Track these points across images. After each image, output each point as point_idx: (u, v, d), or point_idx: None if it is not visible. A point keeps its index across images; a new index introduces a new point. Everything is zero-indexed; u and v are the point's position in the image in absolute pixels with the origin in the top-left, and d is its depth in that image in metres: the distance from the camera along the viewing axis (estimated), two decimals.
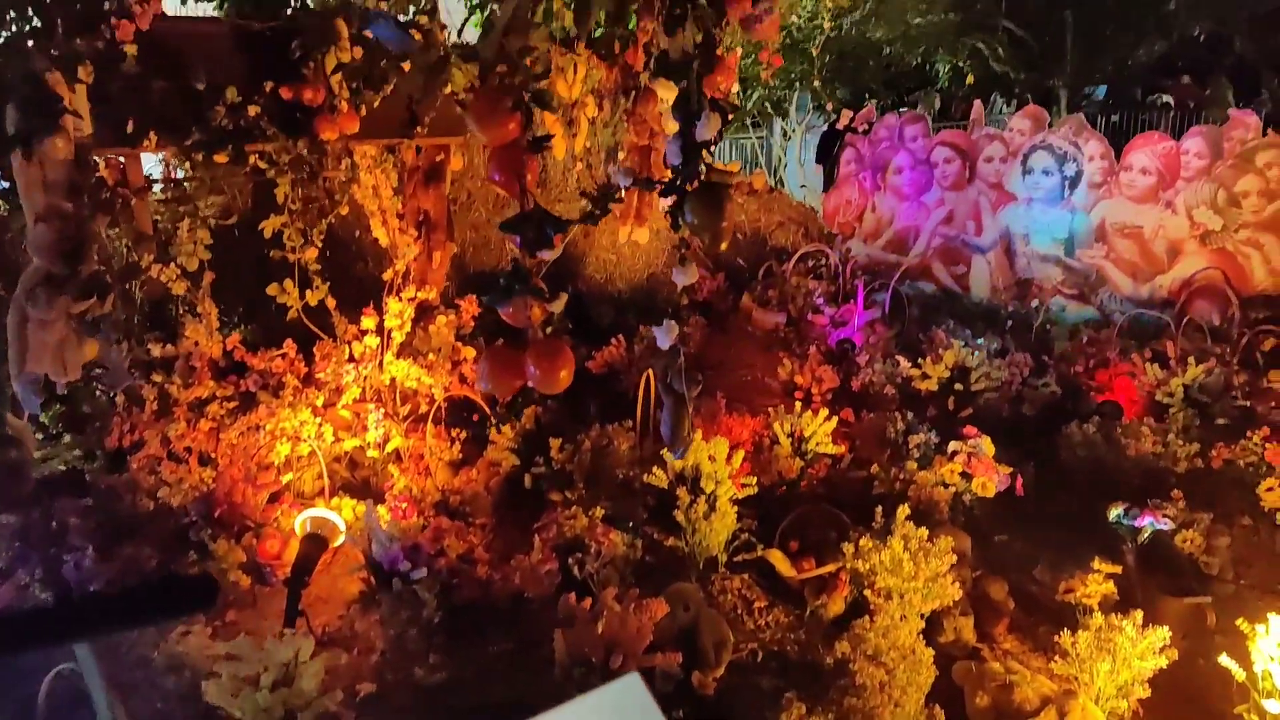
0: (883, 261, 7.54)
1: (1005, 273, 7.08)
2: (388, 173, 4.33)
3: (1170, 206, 6.37)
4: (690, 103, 1.73)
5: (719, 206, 1.79)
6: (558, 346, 1.96)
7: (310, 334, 4.13)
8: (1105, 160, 6.67)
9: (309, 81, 3.71)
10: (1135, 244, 6.54)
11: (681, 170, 1.80)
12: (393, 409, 4.15)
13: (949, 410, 5.15)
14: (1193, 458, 4.31)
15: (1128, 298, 6.54)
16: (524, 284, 1.94)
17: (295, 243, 3.90)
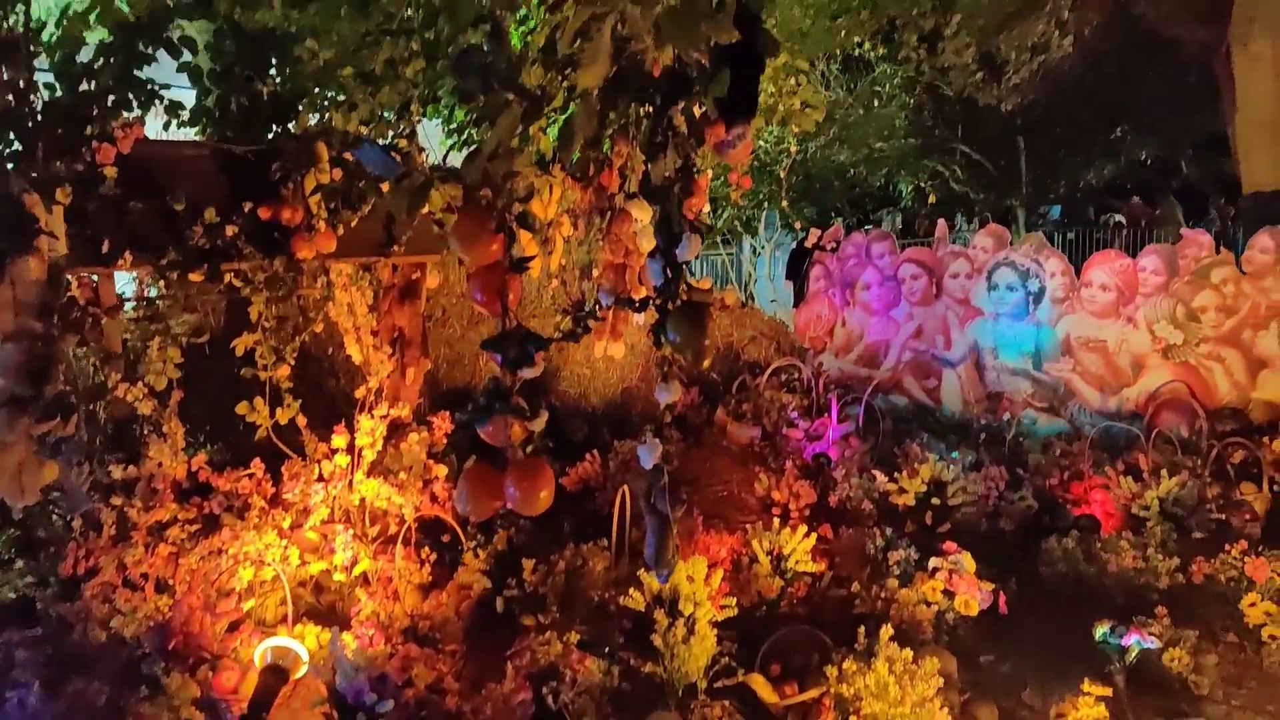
0: (855, 375, 7.62)
1: (976, 386, 7.17)
2: (363, 290, 4.35)
3: (1131, 321, 6.54)
4: (671, 225, 1.75)
5: (701, 325, 1.79)
6: (538, 466, 1.92)
7: (279, 453, 4.04)
8: (1066, 276, 6.87)
9: (288, 201, 3.75)
10: (1100, 358, 6.67)
11: (663, 290, 1.81)
12: (362, 530, 4.04)
13: (927, 525, 5.11)
14: (1173, 572, 4.28)
15: (1097, 410, 6.62)
16: (504, 402, 1.91)
17: (268, 360, 3.86)
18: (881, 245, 7.78)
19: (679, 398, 1.92)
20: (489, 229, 1.81)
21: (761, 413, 6.81)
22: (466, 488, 1.97)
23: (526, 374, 1.93)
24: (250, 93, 4.23)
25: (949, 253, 7.45)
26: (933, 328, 7.40)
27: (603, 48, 1.53)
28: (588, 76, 1.55)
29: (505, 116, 1.58)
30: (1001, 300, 7.06)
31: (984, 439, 6.43)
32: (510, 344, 1.90)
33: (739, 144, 2.39)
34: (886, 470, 5.50)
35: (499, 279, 1.88)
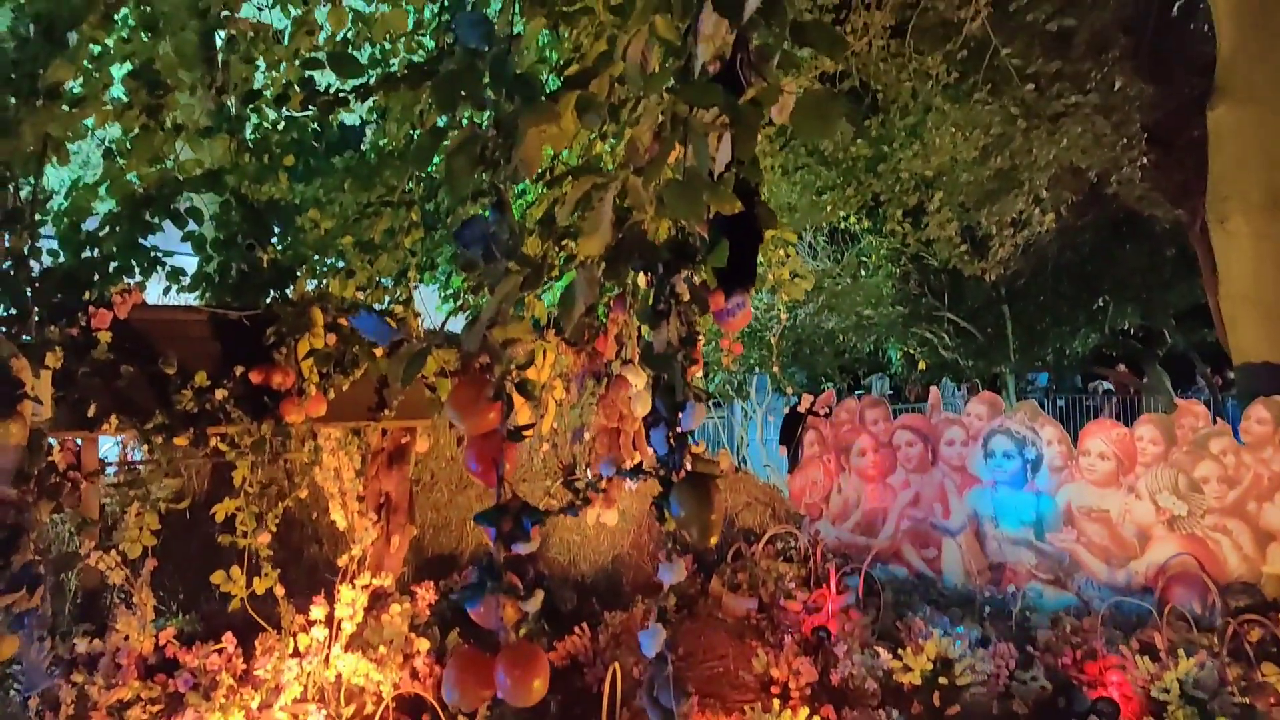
0: (852, 544, 7.44)
1: (977, 556, 6.98)
2: (351, 455, 4.26)
3: (1133, 491, 6.44)
4: (675, 393, 1.71)
5: (707, 497, 1.71)
6: (532, 652, 1.78)
7: (253, 625, 3.83)
8: (1063, 444, 6.83)
9: (280, 366, 3.73)
10: (1104, 528, 6.53)
11: (667, 460, 1.74)
12: (336, 710, 3.77)
13: (935, 707, 4.83)
14: None
15: (1105, 583, 6.42)
16: (496, 580, 1.80)
17: (249, 527, 3.73)
18: (875, 411, 7.78)
19: (684, 577, 1.81)
20: (486, 397, 1.76)
21: (758, 583, 6.58)
22: (454, 675, 1.82)
23: (522, 550, 1.83)
24: (250, 260, 4.31)
25: (944, 419, 7.44)
26: (930, 495, 7.29)
27: (605, 217, 1.53)
28: (590, 245, 1.55)
29: (505, 284, 1.56)
30: (999, 468, 6.99)
31: (989, 612, 6.19)
32: (505, 517, 1.80)
33: (739, 313, 2.40)
34: (889, 645, 5.25)
35: (495, 448, 1.82)
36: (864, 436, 7.64)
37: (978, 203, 12.18)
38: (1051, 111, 10.70)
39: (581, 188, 1.48)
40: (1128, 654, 5.01)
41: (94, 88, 3.37)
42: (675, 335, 1.72)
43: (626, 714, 4.55)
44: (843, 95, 6.28)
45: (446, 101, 1.73)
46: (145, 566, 3.61)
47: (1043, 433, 6.87)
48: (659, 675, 1.76)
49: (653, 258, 1.68)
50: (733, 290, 2.38)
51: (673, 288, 1.69)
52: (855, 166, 12.29)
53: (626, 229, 1.65)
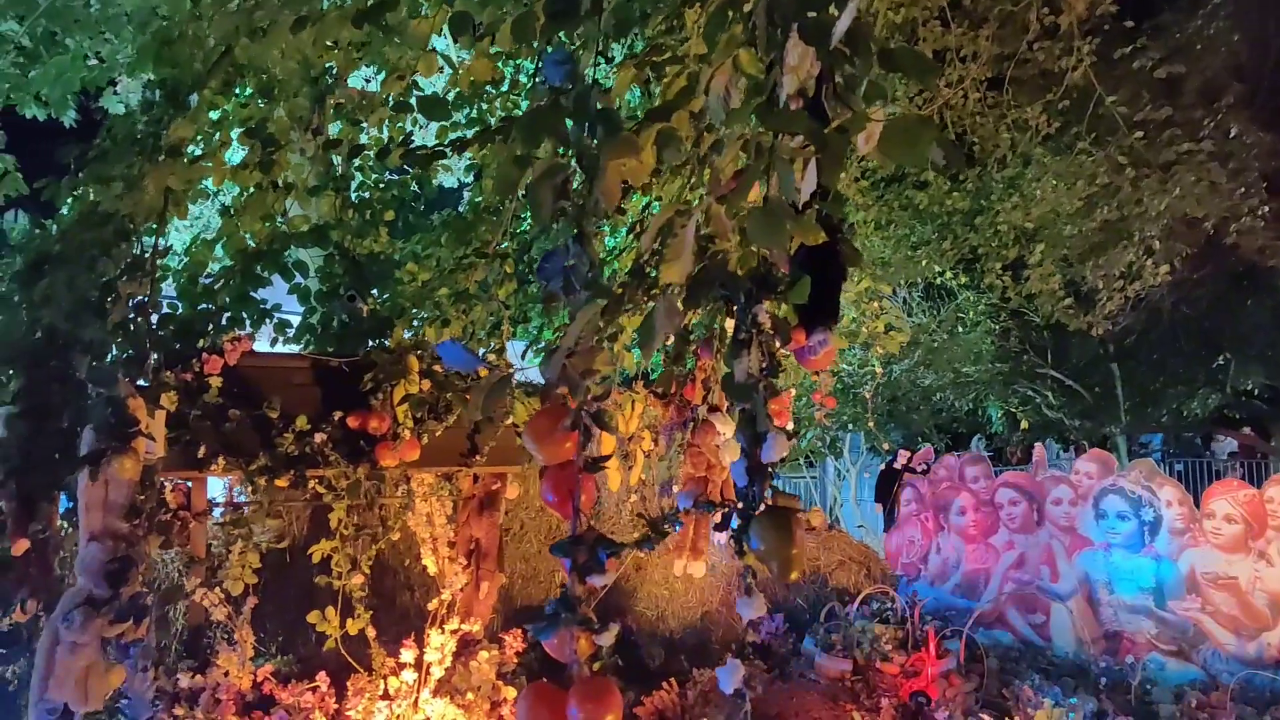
0: (952, 606, 7.12)
1: (1090, 624, 6.58)
2: (443, 501, 4.34)
3: (1264, 557, 5.99)
4: (756, 424, 1.68)
5: (788, 532, 1.66)
6: (605, 687, 1.75)
7: (346, 666, 3.89)
8: (1184, 506, 6.42)
9: (376, 411, 3.85)
10: (1233, 596, 6.08)
11: (746, 493, 1.71)
12: None
13: None
14: None
15: (1234, 656, 5.95)
16: (571, 613, 1.79)
17: (343, 569, 3.81)
18: (976, 468, 7.49)
19: (764, 613, 1.76)
20: (563, 426, 1.77)
21: (852, 644, 6.35)
22: (526, 708, 1.81)
23: (596, 582, 1.81)
24: (352, 311, 4.49)
25: (1050, 477, 7.11)
26: (1036, 557, 6.94)
27: (687, 244, 1.54)
28: (671, 272, 1.55)
29: (584, 312, 1.58)
30: (1113, 529, 6.62)
31: (1105, 684, 5.81)
32: (580, 549, 1.80)
33: (821, 350, 2.37)
34: (994, 714, 4.97)
35: (571, 479, 1.82)
36: (964, 494, 7.36)
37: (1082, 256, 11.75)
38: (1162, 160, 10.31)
39: (664, 215, 1.49)
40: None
41: (212, 147, 3.60)
42: (756, 365, 1.70)
43: None
44: (933, 122, 6.18)
45: (531, 138, 1.78)
46: (246, 605, 3.72)
47: (1161, 493, 6.48)
48: (736, 712, 1.71)
49: (734, 287, 1.68)
50: (814, 327, 2.35)
51: (754, 317, 1.68)
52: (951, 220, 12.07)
53: (709, 258, 1.65)
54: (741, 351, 1.67)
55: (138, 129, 3.19)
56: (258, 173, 3.80)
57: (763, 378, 1.70)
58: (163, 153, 2.90)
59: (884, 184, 11.29)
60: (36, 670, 2.57)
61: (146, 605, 2.64)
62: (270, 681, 3.58)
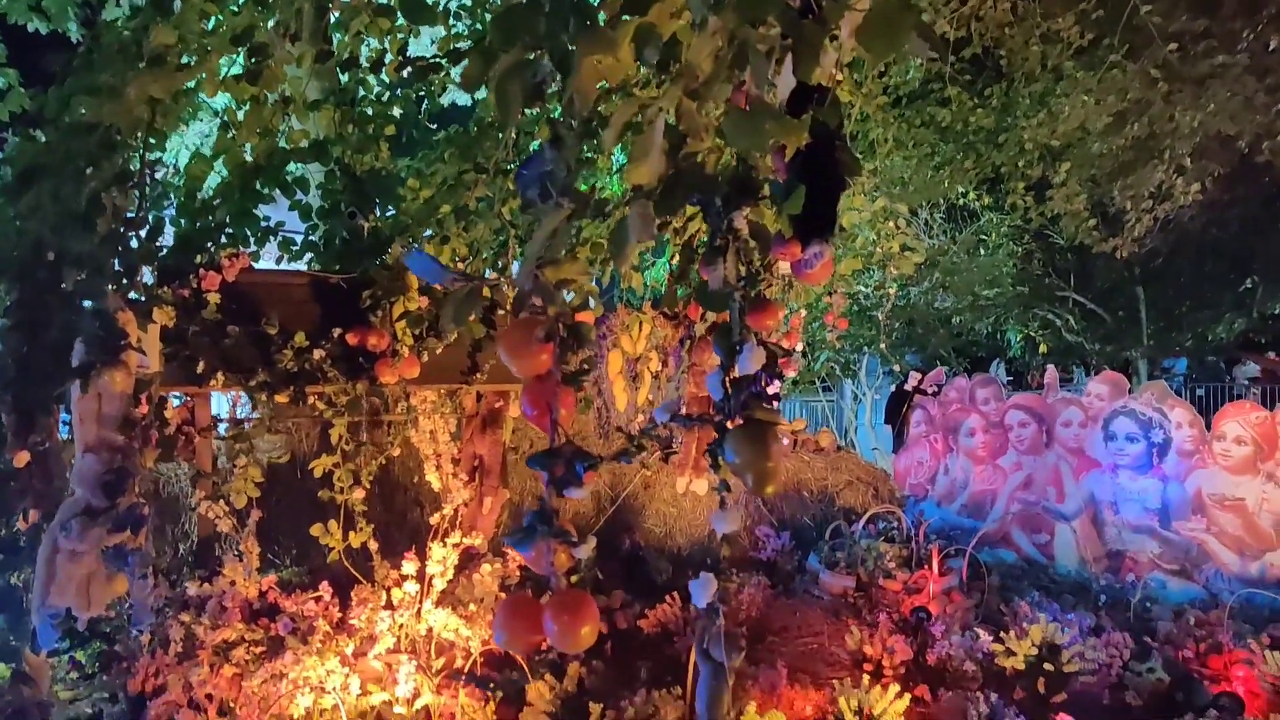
0: (958, 526, 7.16)
1: (1094, 543, 6.61)
2: (446, 418, 4.36)
3: (1273, 479, 5.96)
4: (731, 335, 1.64)
5: (764, 445, 1.64)
6: (580, 600, 1.76)
7: (349, 578, 3.98)
8: (1194, 428, 6.37)
9: (375, 328, 3.84)
10: (1238, 518, 6.07)
11: (723, 406, 1.68)
12: (426, 661, 3.88)
13: (1039, 693, 4.59)
14: None
15: (1236, 576, 5.98)
16: (548, 526, 1.78)
17: (345, 483, 3.86)
18: (986, 390, 7.45)
19: (738, 527, 1.75)
20: (538, 338, 1.73)
21: (857, 561, 6.42)
22: (503, 619, 1.82)
23: (573, 495, 1.81)
24: (352, 228, 4.44)
25: (1060, 400, 7.06)
26: (1043, 478, 6.94)
27: (654, 144, 1.47)
28: (638, 173, 1.49)
29: (550, 219, 1.53)
30: (1121, 451, 6.59)
31: (1105, 601, 5.85)
32: (557, 461, 1.79)
33: (817, 263, 2.30)
34: (992, 629, 5.03)
35: (549, 392, 1.80)
36: (974, 416, 7.34)
37: (1110, 175, 11.43)
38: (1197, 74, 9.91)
39: (628, 110, 1.42)
40: (1257, 649, 4.65)
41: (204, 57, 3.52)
42: (734, 274, 1.66)
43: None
44: (914, 8, 5.90)
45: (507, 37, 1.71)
46: (251, 517, 3.78)
47: (1172, 415, 6.42)
48: (710, 627, 1.71)
49: (711, 191, 1.62)
50: (811, 239, 2.28)
51: (730, 223, 1.63)
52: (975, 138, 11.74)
53: (681, 159, 1.59)
54: (716, 260, 1.62)
55: (123, 35, 3.12)
56: (252, 85, 3.73)
57: (740, 287, 1.66)
58: (145, 60, 2.84)
59: (905, 100, 10.96)
60: (38, 578, 2.64)
61: (143, 515, 2.69)
62: (274, 591, 3.66)
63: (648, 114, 1.44)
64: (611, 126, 1.41)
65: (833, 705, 4.04)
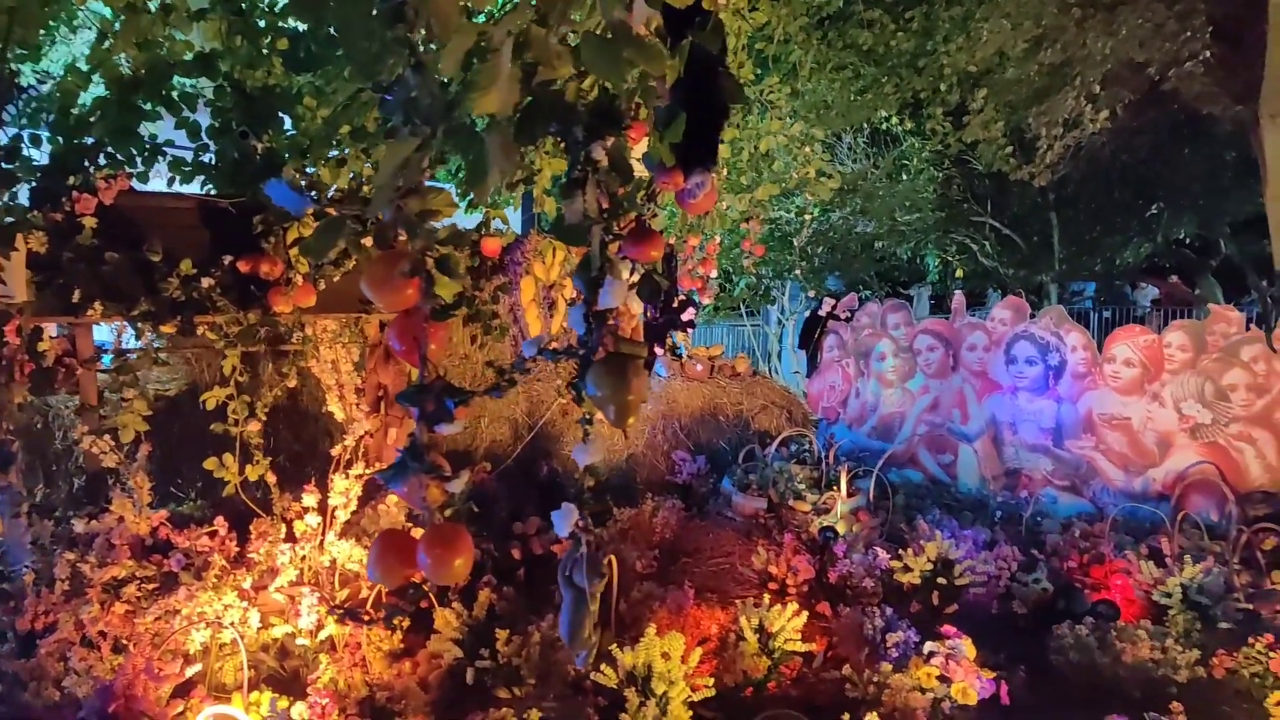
0: (868, 448, 7.38)
1: (993, 462, 6.90)
2: (348, 347, 4.27)
3: (1157, 399, 6.27)
4: (591, 268, 1.63)
5: (624, 378, 1.64)
6: (454, 532, 1.76)
7: (247, 511, 3.92)
8: (1088, 351, 6.63)
9: (268, 255, 3.71)
10: (1125, 436, 6.39)
11: (586, 340, 1.68)
12: (330, 593, 3.88)
13: (933, 606, 4.83)
14: (1193, 665, 3.96)
15: (1120, 490, 6.32)
16: (420, 462, 1.77)
17: (240, 415, 3.77)
18: (897, 316, 7.61)
19: (600, 458, 1.76)
20: (402, 272, 1.69)
21: (769, 484, 6.59)
22: (376, 554, 1.82)
23: (445, 430, 1.80)
24: (244, 149, 4.25)
25: (966, 324, 7.26)
26: (949, 401, 7.17)
27: (501, 69, 1.42)
28: (486, 102, 1.44)
29: (396, 147, 1.47)
30: (1021, 374, 6.83)
31: (1001, 517, 6.14)
32: (427, 397, 1.77)
33: (700, 193, 2.28)
34: (896, 547, 5.25)
35: (417, 327, 1.77)
36: (885, 341, 7.50)
37: (1026, 102, 11.57)
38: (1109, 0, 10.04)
39: (466, 37, 1.37)
40: (1134, 559, 4.95)
41: None
42: (594, 207, 1.63)
43: (624, 604, 4.63)
44: None
45: None
46: (140, 451, 3.68)
47: (1068, 339, 6.67)
48: (572, 554, 1.73)
49: (568, 121, 1.58)
50: (692, 169, 2.25)
51: (589, 154, 1.59)
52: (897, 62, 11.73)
53: (536, 87, 1.54)
54: (575, 192, 1.59)
55: None
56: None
57: (601, 220, 1.63)
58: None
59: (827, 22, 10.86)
60: None
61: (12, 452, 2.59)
62: (166, 527, 3.59)
63: (493, 40, 1.38)
64: (448, 54, 1.35)
65: (735, 624, 4.18)
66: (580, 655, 1.79)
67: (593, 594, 1.74)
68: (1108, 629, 4.26)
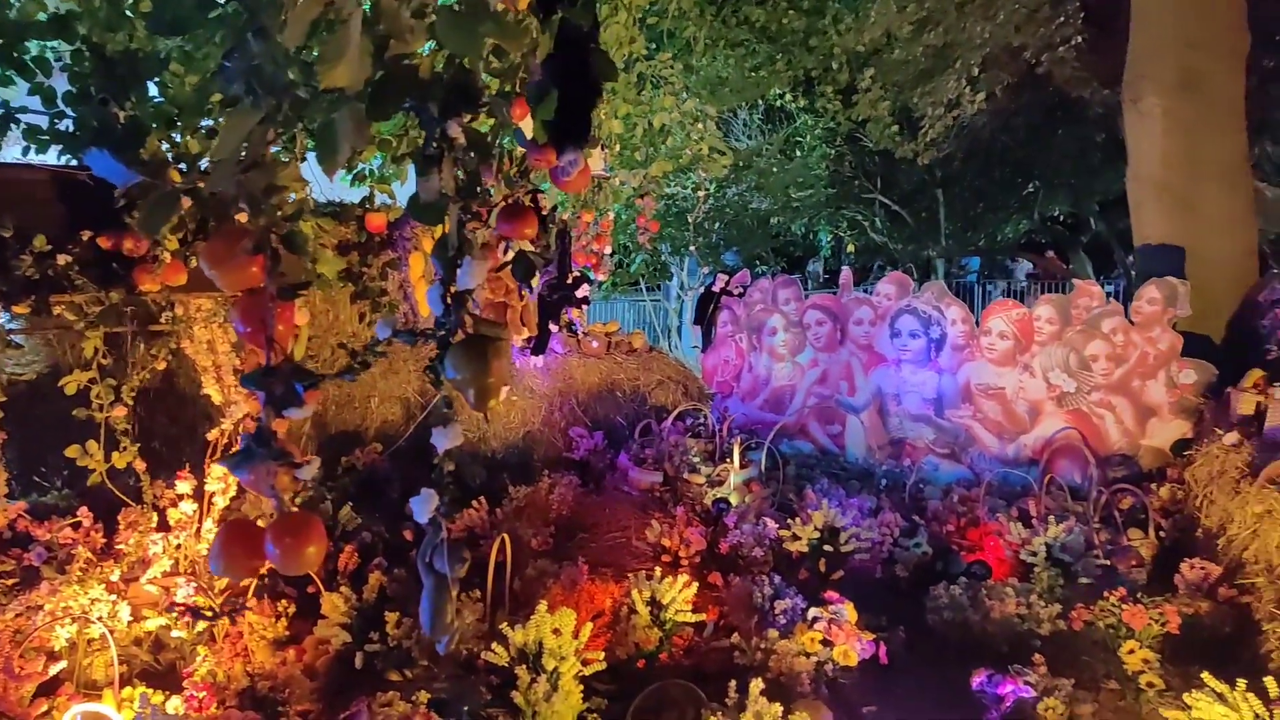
0: (760, 420, 7.54)
1: (879, 432, 7.15)
2: (225, 327, 4.11)
3: (1028, 369, 6.60)
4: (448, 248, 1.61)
5: (484, 360, 1.63)
6: (305, 520, 1.71)
7: (118, 501, 3.75)
8: (966, 324, 6.92)
9: (132, 230, 3.53)
10: (999, 404, 6.71)
11: (444, 321, 1.65)
12: (209, 582, 3.75)
13: (820, 572, 4.99)
14: (1055, 619, 4.21)
15: (995, 457, 6.64)
16: (266, 448, 1.71)
17: (105, 400, 3.59)
18: (788, 291, 7.77)
19: (459, 442, 1.75)
20: (245, 249, 1.63)
21: (664, 458, 6.67)
22: (220, 546, 1.76)
23: (294, 415, 1.75)
24: (105, 117, 4.02)
25: (853, 299, 7.47)
26: (837, 374, 7.39)
27: (351, 42, 1.38)
28: (335, 75, 1.40)
29: (237, 119, 1.42)
30: (905, 347, 7.08)
31: (885, 484, 6.38)
32: (275, 381, 1.71)
33: (573, 170, 2.27)
34: (781, 516, 5.39)
35: (261, 307, 1.71)
36: (776, 316, 7.66)
37: (911, 82, 11.92)
38: None
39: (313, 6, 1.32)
40: (1005, 521, 5.21)
41: None
42: (450, 185, 1.61)
43: (518, 582, 4.63)
44: None
45: None
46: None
47: (948, 312, 6.94)
48: (432, 541, 1.72)
49: (423, 97, 1.55)
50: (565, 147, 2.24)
51: (444, 131, 1.57)
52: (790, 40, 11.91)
53: (389, 61, 1.50)
54: (430, 169, 1.57)
55: None
56: None
57: (459, 199, 1.61)
58: None
59: None
60: None
61: None
62: (25, 519, 3.40)
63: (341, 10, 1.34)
64: (293, 21, 1.31)
65: (628, 598, 4.23)
66: (442, 642, 1.78)
67: (454, 579, 1.73)
68: (979, 588, 4.48)
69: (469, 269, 1.62)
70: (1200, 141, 7.12)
